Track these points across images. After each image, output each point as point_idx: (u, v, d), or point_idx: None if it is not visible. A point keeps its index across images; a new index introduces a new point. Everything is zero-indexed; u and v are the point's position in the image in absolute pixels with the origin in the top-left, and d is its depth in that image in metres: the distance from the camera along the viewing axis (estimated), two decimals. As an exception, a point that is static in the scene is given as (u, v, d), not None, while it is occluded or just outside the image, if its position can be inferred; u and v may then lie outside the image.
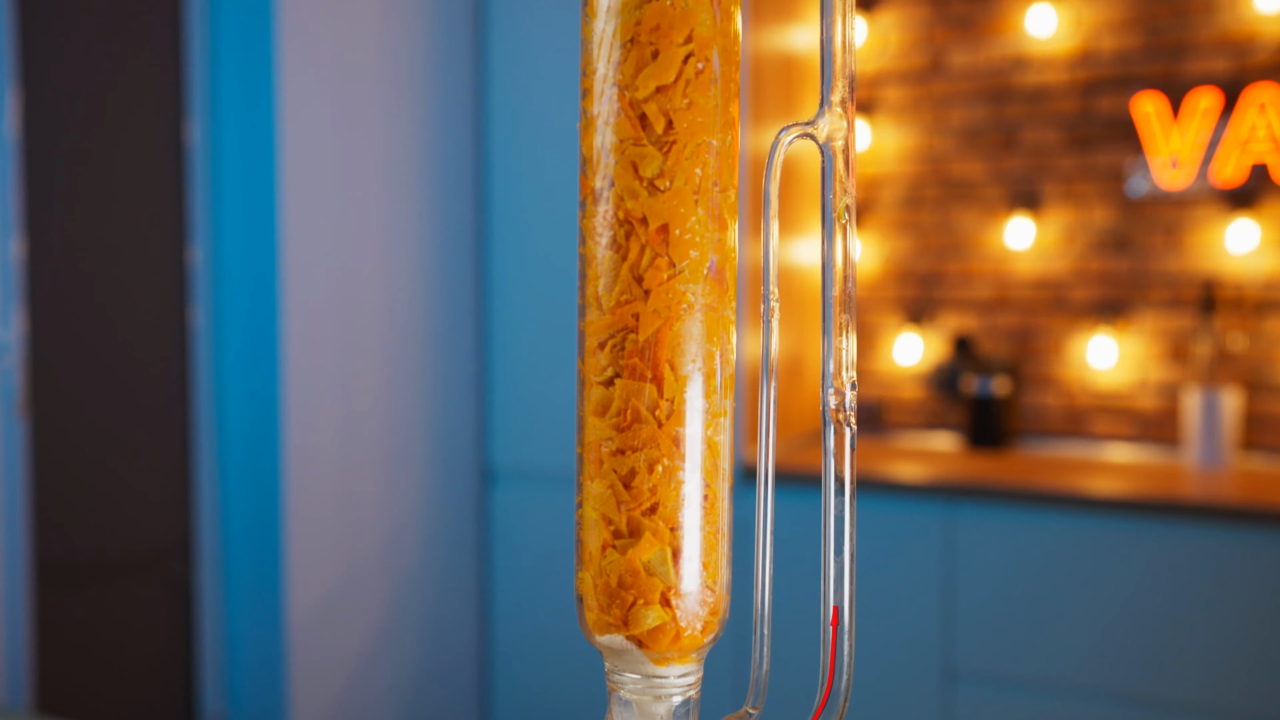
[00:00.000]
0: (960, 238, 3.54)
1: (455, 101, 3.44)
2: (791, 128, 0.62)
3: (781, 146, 0.62)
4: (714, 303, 0.61)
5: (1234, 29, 3.18)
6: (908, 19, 3.57)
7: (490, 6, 3.46)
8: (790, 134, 0.62)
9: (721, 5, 0.59)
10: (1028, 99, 3.43)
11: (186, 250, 2.95)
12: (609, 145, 0.59)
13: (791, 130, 0.62)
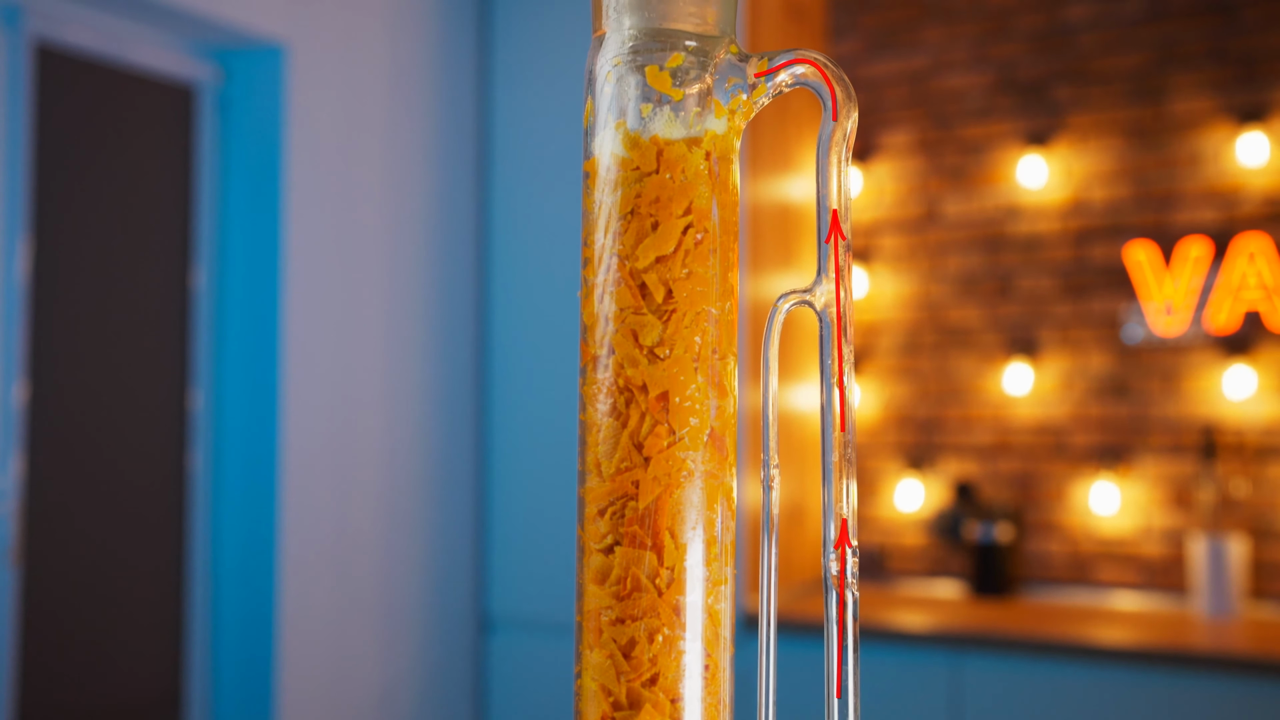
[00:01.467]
0: (959, 383, 3.55)
1: (458, 239, 3.49)
2: (789, 295, 0.63)
3: (780, 313, 0.63)
4: (714, 469, 0.61)
5: (1220, 181, 3.26)
6: (902, 170, 3.66)
7: (494, 126, 3.55)
8: (788, 301, 0.63)
9: (719, 178, 0.61)
10: (1022, 247, 3.49)
11: (188, 393, 2.96)
12: (609, 313, 0.60)
13: (790, 298, 0.63)
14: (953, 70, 3.61)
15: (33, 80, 2.60)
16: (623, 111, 0.59)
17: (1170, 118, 3.33)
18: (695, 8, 0.59)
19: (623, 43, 0.59)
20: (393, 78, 3.29)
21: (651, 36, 0.59)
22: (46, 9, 2.63)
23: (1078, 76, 3.45)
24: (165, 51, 2.90)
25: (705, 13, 0.59)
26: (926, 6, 3.66)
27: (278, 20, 2.95)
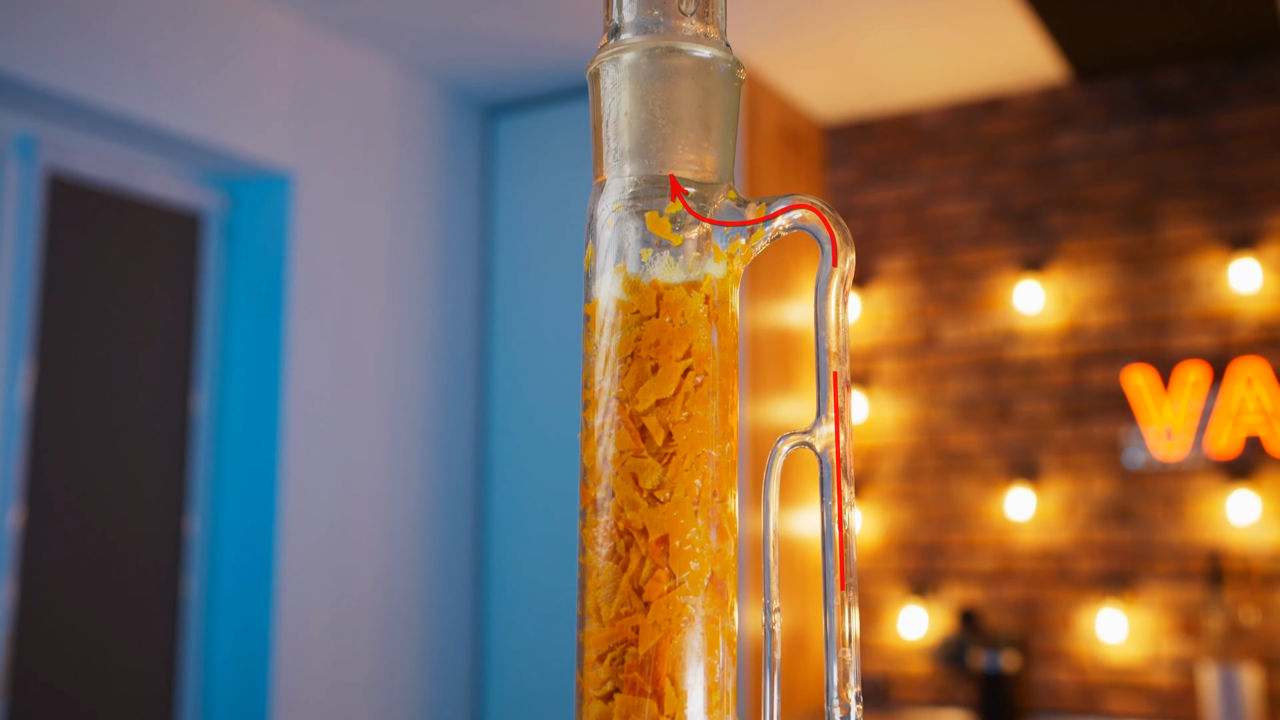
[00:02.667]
0: (961, 508, 3.53)
1: (458, 367, 3.51)
2: (790, 436, 0.63)
3: (779, 455, 0.63)
4: (715, 614, 0.60)
5: (1215, 306, 3.28)
6: (900, 295, 3.69)
7: (495, 256, 3.58)
8: (788, 443, 0.63)
9: (719, 322, 0.61)
10: (1021, 372, 3.50)
11: (185, 518, 2.94)
12: (609, 456, 0.60)
13: (790, 439, 0.63)
14: (948, 198, 3.67)
15: (44, 209, 2.64)
16: (623, 256, 0.60)
17: (1163, 244, 3.38)
18: (694, 155, 0.60)
19: (623, 189, 0.60)
20: (396, 206, 3.35)
21: (651, 183, 0.60)
22: (60, 140, 2.69)
23: (1071, 204, 3.51)
24: (173, 180, 2.95)
25: (704, 160, 0.60)
26: (921, 137, 3.74)
27: (284, 149, 3.01)
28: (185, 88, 2.77)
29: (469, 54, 3.37)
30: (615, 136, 0.60)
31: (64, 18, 2.52)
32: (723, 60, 0.60)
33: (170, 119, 2.72)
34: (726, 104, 0.61)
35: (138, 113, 2.65)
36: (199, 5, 2.82)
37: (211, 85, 2.83)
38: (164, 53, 2.73)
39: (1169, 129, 3.41)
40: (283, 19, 3.04)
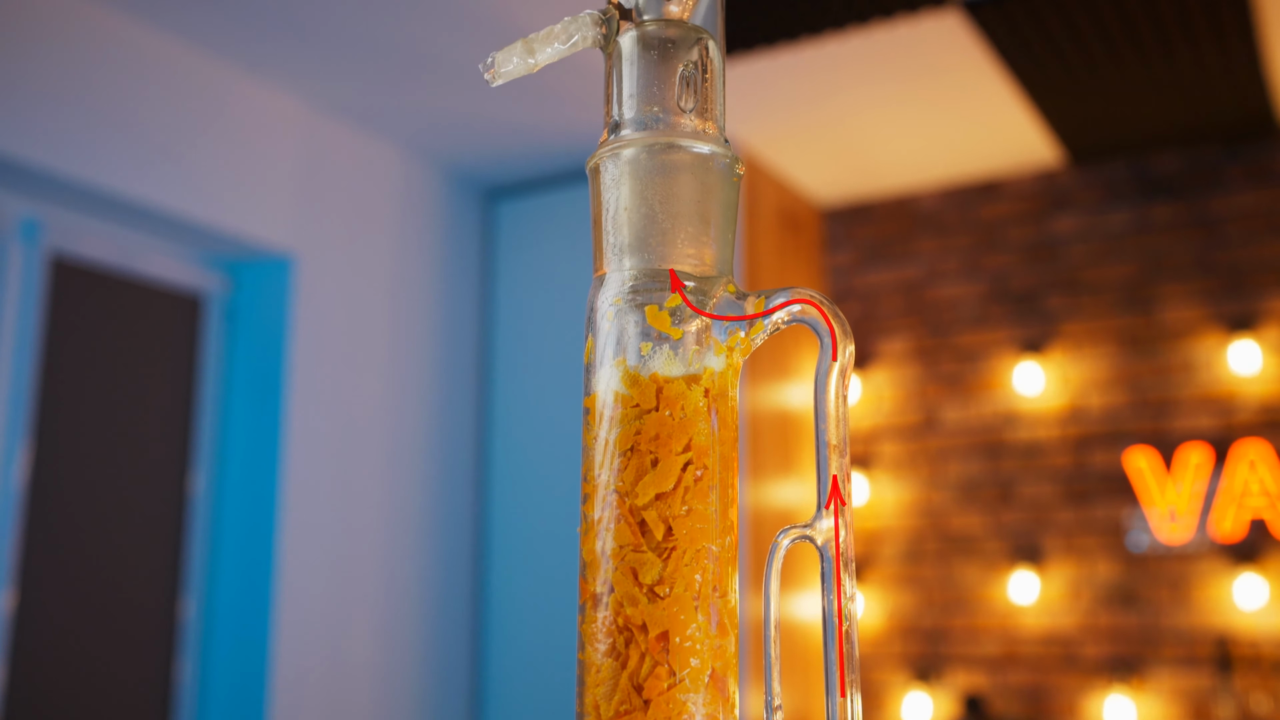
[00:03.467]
0: (964, 592, 3.49)
1: (457, 452, 3.50)
2: (790, 530, 0.62)
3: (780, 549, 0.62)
4: (715, 712, 0.59)
5: (1215, 388, 3.28)
6: (900, 377, 3.70)
7: (495, 342, 3.59)
8: (788, 536, 0.62)
9: (719, 415, 0.61)
10: (1022, 454, 3.49)
11: (179, 602, 2.91)
12: (609, 550, 0.59)
13: (790, 533, 0.62)
14: (946, 280, 3.69)
15: (46, 292, 2.65)
16: (623, 349, 0.60)
17: (1161, 326, 3.39)
18: (694, 249, 0.60)
19: (623, 282, 0.60)
20: (397, 288, 3.36)
21: (651, 277, 0.60)
22: (64, 223, 2.71)
23: (1069, 286, 3.52)
24: (175, 262, 2.97)
25: (703, 254, 0.60)
26: (919, 219, 3.77)
27: (286, 231, 3.03)
28: (189, 170, 2.80)
29: (470, 138, 3.41)
30: (615, 230, 0.60)
31: (70, 103, 2.55)
32: (721, 156, 0.60)
33: (173, 201, 2.75)
34: (725, 199, 0.61)
35: (141, 196, 2.68)
36: (205, 89, 2.86)
37: (215, 168, 2.87)
38: (169, 136, 2.76)
39: (1165, 212, 3.44)
40: (288, 103, 3.08)
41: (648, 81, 0.60)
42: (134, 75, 2.69)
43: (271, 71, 2.98)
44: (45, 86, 2.51)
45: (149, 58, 2.73)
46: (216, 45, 2.85)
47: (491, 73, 0.61)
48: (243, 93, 2.96)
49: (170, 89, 2.78)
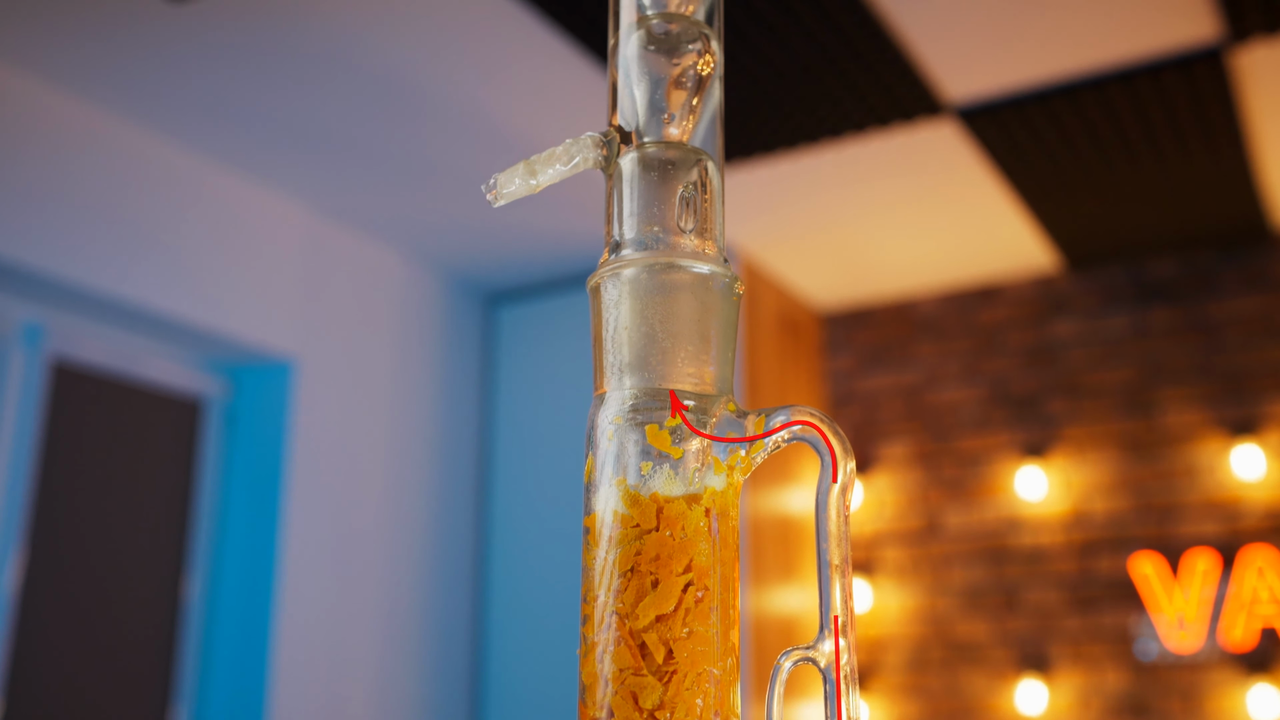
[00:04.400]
0: (970, 701, 3.43)
1: (455, 560, 3.46)
2: (793, 652, 0.61)
3: (783, 671, 0.61)
4: (718, 844, 0.57)
5: (1220, 493, 3.26)
6: (902, 481, 3.68)
7: (495, 452, 3.57)
8: (791, 659, 0.61)
9: (719, 535, 0.60)
10: (1026, 560, 3.45)
11: (170, 710, 2.85)
12: (608, 674, 0.58)
13: (793, 654, 0.61)
14: (947, 384, 3.70)
15: (46, 396, 2.65)
16: (623, 468, 0.60)
17: (1163, 430, 3.38)
18: (694, 368, 0.60)
19: (623, 401, 0.60)
20: (397, 393, 3.37)
21: (651, 396, 0.60)
22: (66, 327, 2.73)
23: (1069, 390, 3.53)
24: (176, 366, 2.98)
25: (703, 373, 0.60)
26: (917, 324, 3.79)
27: (287, 336, 3.04)
28: (192, 275, 2.82)
29: (472, 243, 3.45)
30: (616, 349, 0.60)
31: (73, 207, 2.59)
32: (721, 275, 0.61)
33: (176, 306, 2.76)
34: (725, 317, 0.61)
35: (143, 300, 2.69)
36: (208, 194, 2.90)
37: (218, 272, 2.89)
38: (171, 241, 2.79)
39: (1163, 316, 3.46)
40: (290, 208, 3.12)
41: (648, 202, 0.61)
42: (137, 180, 2.73)
43: (275, 177, 3.02)
44: (48, 191, 2.54)
45: (152, 162, 2.77)
46: (219, 151, 2.90)
47: (494, 194, 0.62)
48: (246, 197, 2.99)
49: (173, 194, 2.81)
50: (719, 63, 0.65)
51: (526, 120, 2.82)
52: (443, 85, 2.67)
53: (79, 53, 2.50)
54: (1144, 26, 2.48)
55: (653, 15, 0.63)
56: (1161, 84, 2.64)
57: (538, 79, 2.66)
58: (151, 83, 2.61)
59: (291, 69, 2.59)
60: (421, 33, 2.48)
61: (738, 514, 0.62)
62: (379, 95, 2.70)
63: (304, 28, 2.45)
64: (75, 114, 2.61)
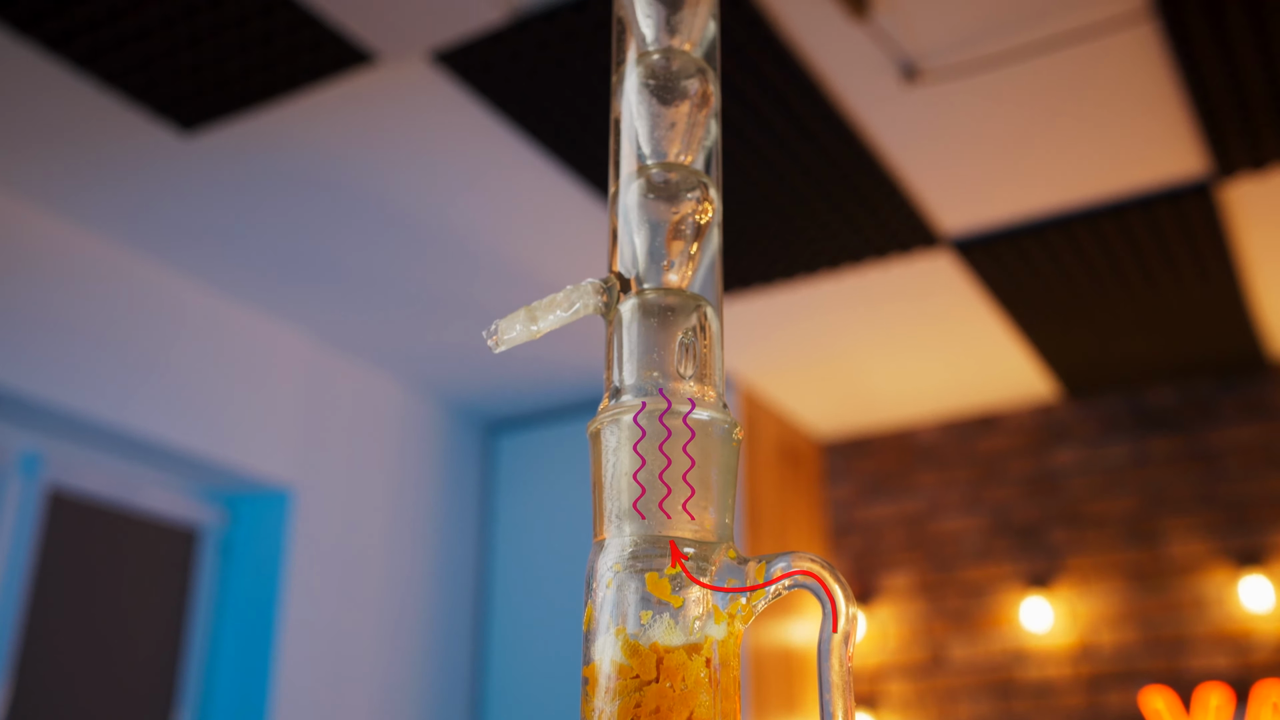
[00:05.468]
0: (981, 843, 3.32)
1: (451, 695, 3.39)
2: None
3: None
4: None
5: (1229, 626, 3.21)
6: (905, 612, 3.62)
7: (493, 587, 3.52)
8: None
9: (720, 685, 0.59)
10: (1034, 694, 3.38)
11: None
12: (606, 833, 0.56)
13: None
14: (948, 514, 3.67)
15: (41, 526, 2.63)
16: (622, 617, 0.59)
17: (1169, 561, 3.34)
18: (694, 515, 0.60)
19: (623, 548, 0.59)
20: (395, 521, 3.34)
21: (651, 543, 0.59)
22: (64, 456, 2.72)
23: (1072, 519, 3.50)
24: (172, 495, 2.96)
25: (703, 520, 0.60)
26: (918, 452, 3.78)
27: (286, 464, 3.03)
28: (192, 403, 2.82)
29: (472, 372, 3.46)
30: (615, 496, 0.60)
31: (72, 336, 2.60)
32: (721, 421, 0.60)
33: (175, 434, 2.76)
34: (724, 463, 0.61)
35: (142, 428, 2.69)
36: (210, 322, 2.92)
37: (218, 401, 2.89)
38: (172, 369, 2.80)
39: (1163, 445, 3.45)
40: (292, 336, 3.14)
41: (648, 348, 0.61)
42: (139, 308, 2.75)
43: (277, 305, 3.05)
44: (49, 318, 2.56)
45: (154, 291, 2.80)
46: (223, 279, 2.93)
47: (495, 339, 0.62)
48: (248, 325, 3.01)
49: (175, 322, 2.83)
50: (717, 210, 0.66)
51: (529, 251, 2.85)
52: (446, 217, 2.71)
53: (78, 179, 2.54)
54: (1133, 162, 2.53)
55: (652, 165, 0.64)
56: (1153, 217, 2.68)
57: (540, 211, 2.71)
58: (156, 212, 2.66)
59: (296, 200, 2.63)
60: (425, 166, 2.53)
61: (739, 663, 0.61)
62: (382, 226, 2.74)
63: (309, 160, 2.50)
64: (76, 241, 2.65)
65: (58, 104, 2.29)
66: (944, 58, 2.21)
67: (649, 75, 0.66)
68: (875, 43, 2.17)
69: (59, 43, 2.11)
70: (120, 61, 2.17)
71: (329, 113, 2.35)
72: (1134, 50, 2.18)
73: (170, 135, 2.39)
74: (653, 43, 0.66)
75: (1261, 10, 2.05)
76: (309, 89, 2.26)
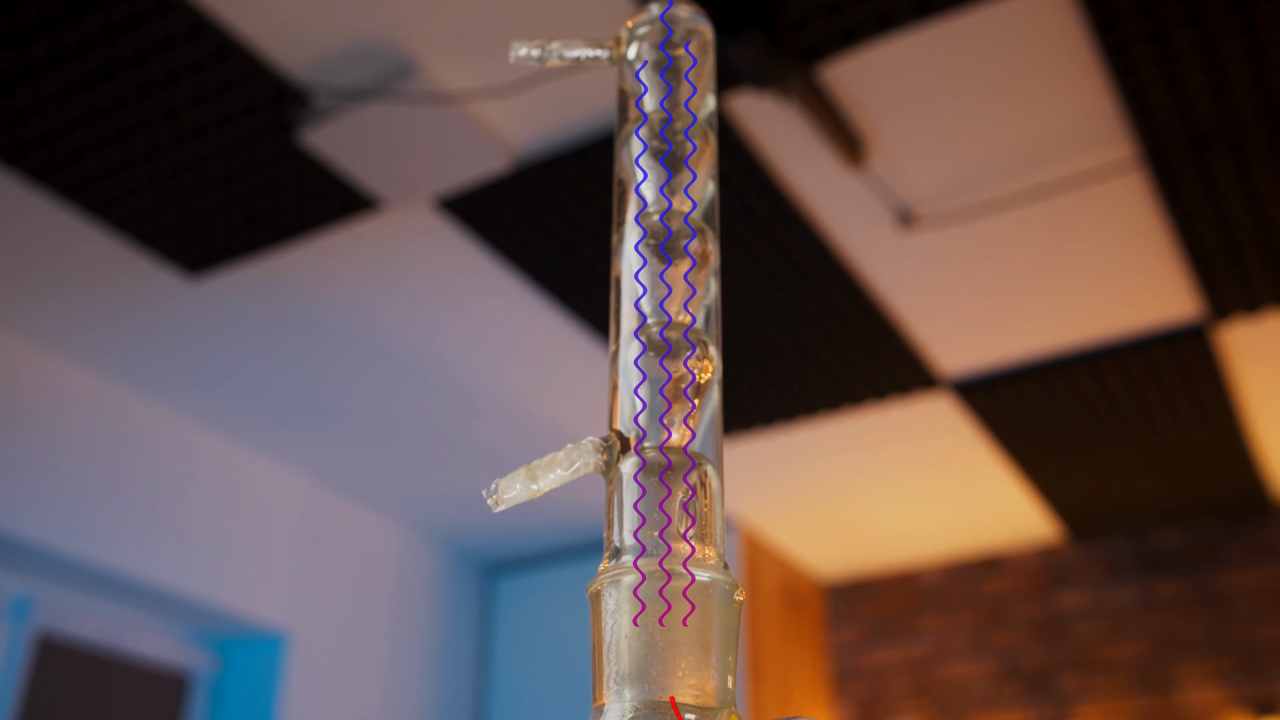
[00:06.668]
0: None
1: None
2: None
3: None
4: None
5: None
6: (912, 762, 3.52)
7: None
8: None
9: None
10: None
11: None
12: None
13: None
14: (954, 659, 3.60)
15: (29, 671, 2.58)
16: (622, 784, 0.57)
17: (1182, 708, 3.26)
18: (695, 679, 0.58)
19: (623, 714, 0.58)
20: (392, 664, 3.27)
21: (651, 708, 0.58)
22: (55, 600, 2.68)
23: (1081, 665, 3.43)
24: (164, 640, 2.90)
25: (704, 684, 0.59)
26: (922, 596, 3.73)
27: (281, 607, 2.98)
28: (186, 545, 2.79)
29: (470, 514, 3.43)
30: (615, 659, 0.59)
31: (66, 476, 2.59)
32: (722, 582, 0.60)
33: (167, 577, 2.72)
34: (726, 625, 0.60)
35: (135, 571, 2.65)
36: (207, 463, 2.91)
37: (213, 543, 2.86)
38: (166, 510, 2.78)
39: (1171, 588, 3.40)
40: (290, 478, 3.12)
41: (648, 508, 0.61)
42: (133, 448, 2.74)
43: (275, 446, 3.04)
44: (41, 460, 2.55)
45: (150, 431, 2.79)
46: (221, 420, 2.93)
47: (495, 498, 0.62)
48: (245, 467, 3.00)
49: (171, 462, 2.82)
50: (717, 368, 0.66)
51: (529, 394, 2.86)
52: (448, 359, 2.73)
53: (82, 321, 2.57)
54: (1129, 304, 2.56)
55: (652, 323, 0.65)
56: (1150, 359, 2.70)
57: (542, 354, 2.73)
58: (157, 353, 2.67)
59: (298, 342, 2.65)
60: (428, 309, 2.56)
61: (743, 837, 0.59)
62: (384, 368, 2.76)
63: (312, 303, 2.52)
64: (73, 381, 2.66)
65: (68, 249, 2.32)
66: (938, 204, 2.25)
67: (649, 235, 0.67)
68: (871, 190, 2.22)
69: (72, 190, 2.16)
70: (130, 208, 2.21)
71: (333, 256, 2.38)
72: (1125, 197, 2.23)
73: (176, 279, 2.42)
74: (653, 204, 0.67)
75: (1246, 160, 2.10)
76: (314, 233, 2.30)
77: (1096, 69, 1.94)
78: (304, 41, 1.89)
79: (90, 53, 1.87)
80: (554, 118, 2.06)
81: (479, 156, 2.09)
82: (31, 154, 2.07)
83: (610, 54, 0.75)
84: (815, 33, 1.86)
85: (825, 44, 1.88)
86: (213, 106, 1.98)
